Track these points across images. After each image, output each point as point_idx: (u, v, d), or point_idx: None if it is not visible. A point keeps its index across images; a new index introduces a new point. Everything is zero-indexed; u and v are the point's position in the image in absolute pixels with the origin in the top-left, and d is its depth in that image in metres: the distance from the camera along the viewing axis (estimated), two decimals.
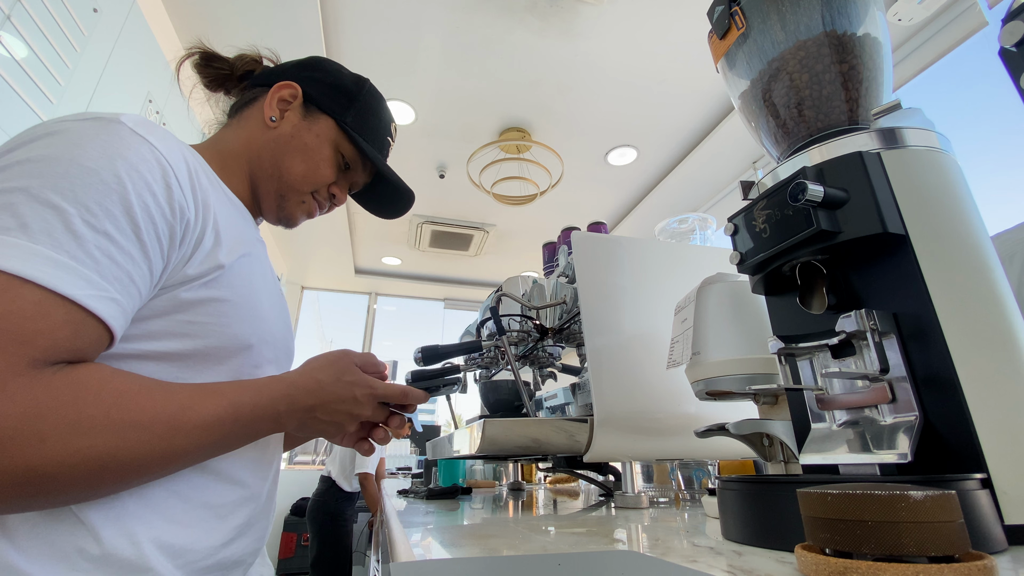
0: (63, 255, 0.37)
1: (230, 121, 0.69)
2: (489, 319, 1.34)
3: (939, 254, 0.52)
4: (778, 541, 0.45)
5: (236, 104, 0.70)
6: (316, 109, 0.68)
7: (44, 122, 0.43)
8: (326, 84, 0.70)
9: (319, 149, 0.67)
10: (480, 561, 0.49)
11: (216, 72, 0.70)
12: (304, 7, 1.91)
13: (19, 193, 0.37)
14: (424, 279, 4.88)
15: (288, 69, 0.71)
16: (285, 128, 0.66)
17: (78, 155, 0.40)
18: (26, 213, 0.36)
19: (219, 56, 0.70)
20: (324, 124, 0.68)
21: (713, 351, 0.76)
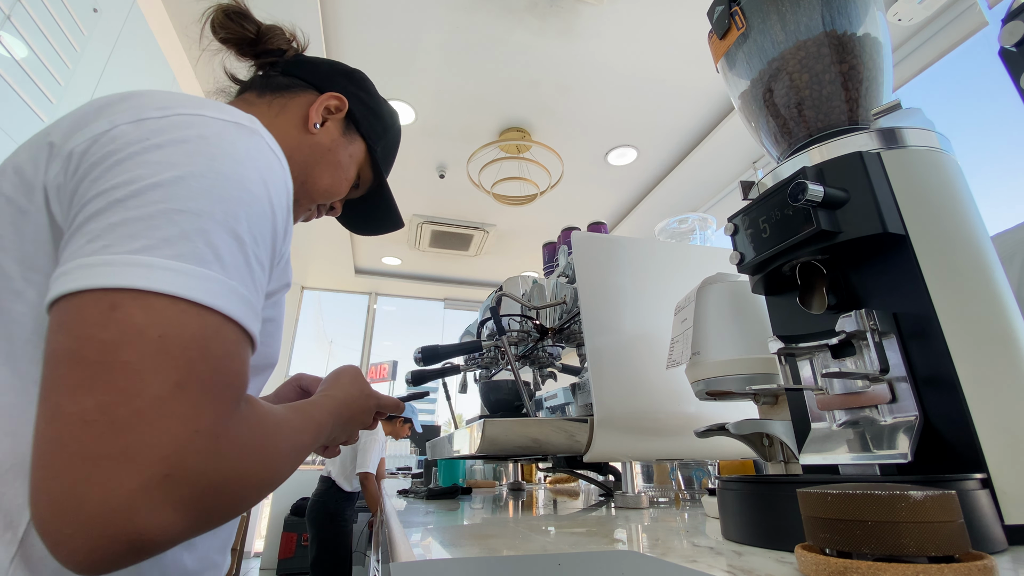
0: (246, 290, 0.37)
1: (257, 99, 0.65)
2: (489, 319, 1.34)
3: (939, 254, 0.52)
4: (778, 541, 0.45)
5: (267, 83, 0.67)
6: (355, 129, 0.70)
7: (185, 115, 0.39)
8: (368, 108, 0.72)
9: (348, 168, 0.69)
10: (480, 561, 0.49)
11: (241, 32, 0.66)
12: (304, 7, 1.91)
13: (206, 219, 0.35)
14: (424, 279, 4.88)
15: (335, 77, 0.70)
16: (324, 139, 0.66)
17: (245, 176, 0.39)
18: (219, 244, 0.35)
19: (251, 16, 0.67)
20: (358, 146, 0.70)
21: (713, 351, 0.76)
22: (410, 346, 1.96)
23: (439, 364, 1.34)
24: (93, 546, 0.28)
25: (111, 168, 0.36)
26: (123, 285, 0.32)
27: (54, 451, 0.29)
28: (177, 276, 0.33)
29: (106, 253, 0.32)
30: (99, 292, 0.32)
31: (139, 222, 0.33)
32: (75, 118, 0.40)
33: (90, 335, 0.31)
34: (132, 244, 0.33)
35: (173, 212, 0.34)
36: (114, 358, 0.30)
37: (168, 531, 0.30)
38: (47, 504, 0.29)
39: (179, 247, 0.34)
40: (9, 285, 0.37)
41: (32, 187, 0.38)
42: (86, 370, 0.30)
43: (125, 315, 0.31)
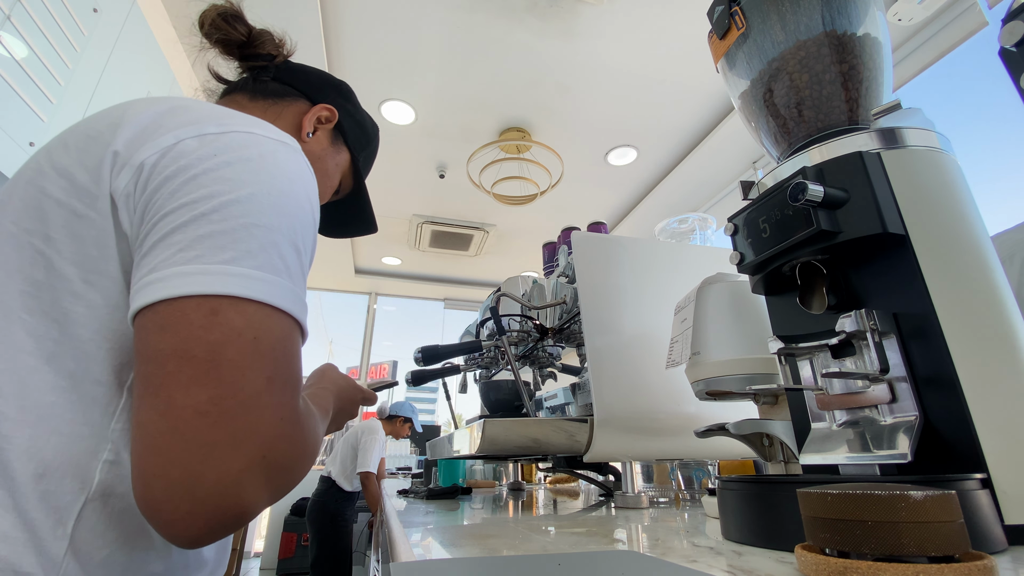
0: (303, 295, 0.42)
1: (249, 103, 0.67)
2: (489, 319, 1.34)
3: (939, 254, 0.52)
4: (778, 541, 0.45)
5: (260, 88, 0.68)
6: (342, 139, 0.74)
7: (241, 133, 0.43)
8: (355, 120, 0.76)
9: (334, 176, 0.73)
10: (480, 561, 0.49)
11: (233, 34, 0.67)
12: (304, 7, 1.91)
13: (276, 233, 0.39)
14: (424, 279, 4.88)
15: (325, 88, 0.73)
16: (315, 147, 0.69)
17: (297, 192, 0.43)
18: (287, 255, 0.40)
19: (244, 19, 0.69)
20: (344, 156, 0.74)
21: (713, 351, 0.76)
22: (410, 346, 1.96)
23: (439, 364, 1.34)
24: (207, 519, 0.33)
25: (189, 182, 0.39)
26: (222, 292, 0.36)
27: (172, 439, 0.33)
28: (263, 285, 0.37)
29: (199, 263, 0.36)
30: (200, 298, 0.35)
31: (224, 235, 0.37)
32: (134, 129, 0.42)
33: (197, 336, 0.35)
34: (222, 255, 0.37)
35: (252, 226, 0.38)
36: (221, 357, 0.35)
37: (259, 504, 0.35)
38: (165, 487, 0.32)
39: (260, 258, 0.38)
40: (67, 287, 0.39)
41: (95, 195, 0.40)
42: (197, 367, 0.34)
43: (226, 319, 0.35)
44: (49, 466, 0.36)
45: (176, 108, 0.44)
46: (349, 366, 5.37)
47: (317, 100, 0.70)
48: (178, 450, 0.32)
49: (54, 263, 0.39)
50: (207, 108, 0.45)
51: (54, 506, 0.36)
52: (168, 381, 0.34)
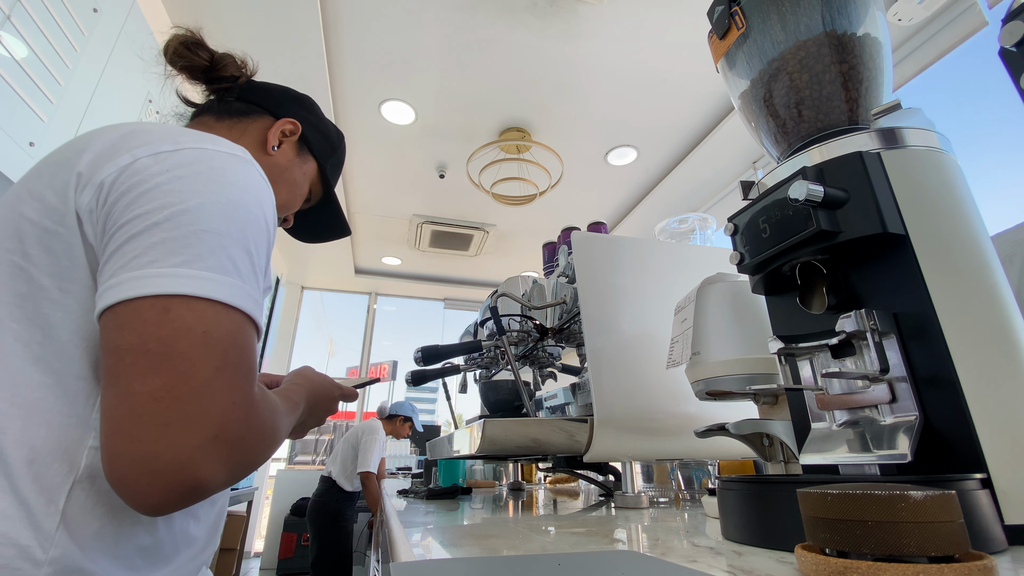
0: (256, 294, 0.46)
1: (216, 123, 0.70)
2: (489, 319, 1.34)
3: (939, 254, 0.52)
4: (778, 541, 0.46)
5: (225, 108, 0.72)
6: (307, 150, 0.77)
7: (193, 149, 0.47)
8: (319, 130, 0.79)
9: (301, 185, 0.77)
10: (480, 561, 0.49)
11: (196, 61, 0.70)
12: (304, 7, 1.91)
13: (225, 237, 0.44)
14: (424, 279, 4.88)
15: (288, 103, 0.76)
16: (280, 159, 0.73)
17: (247, 200, 0.47)
18: (236, 257, 0.44)
19: (205, 46, 0.71)
20: (311, 165, 0.78)
21: (713, 351, 0.76)
22: (410, 346, 1.96)
23: (439, 364, 1.34)
24: (164, 491, 0.37)
25: (142, 195, 0.43)
26: (173, 292, 0.40)
27: (131, 421, 0.37)
28: (212, 284, 0.42)
29: (153, 267, 0.40)
30: (153, 298, 0.40)
31: (175, 241, 0.41)
32: (96, 151, 0.47)
33: (151, 332, 0.39)
34: (174, 259, 0.41)
35: (201, 232, 0.42)
36: (173, 349, 0.39)
37: (215, 479, 0.39)
38: (128, 463, 0.37)
39: (209, 261, 0.42)
40: (45, 295, 0.44)
41: (62, 212, 0.45)
42: (151, 359, 0.39)
43: (177, 316, 0.40)
44: (39, 452, 0.41)
45: (135, 131, 0.49)
46: (349, 366, 5.38)
47: (280, 115, 0.74)
48: (136, 431, 0.37)
49: (33, 276, 0.44)
50: (164, 129, 0.49)
51: (45, 487, 0.41)
52: (127, 372, 0.38)
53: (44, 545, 0.40)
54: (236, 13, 1.96)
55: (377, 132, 2.76)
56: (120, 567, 0.44)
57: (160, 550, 0.48)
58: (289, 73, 2.23)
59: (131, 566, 0.45)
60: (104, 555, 0.43)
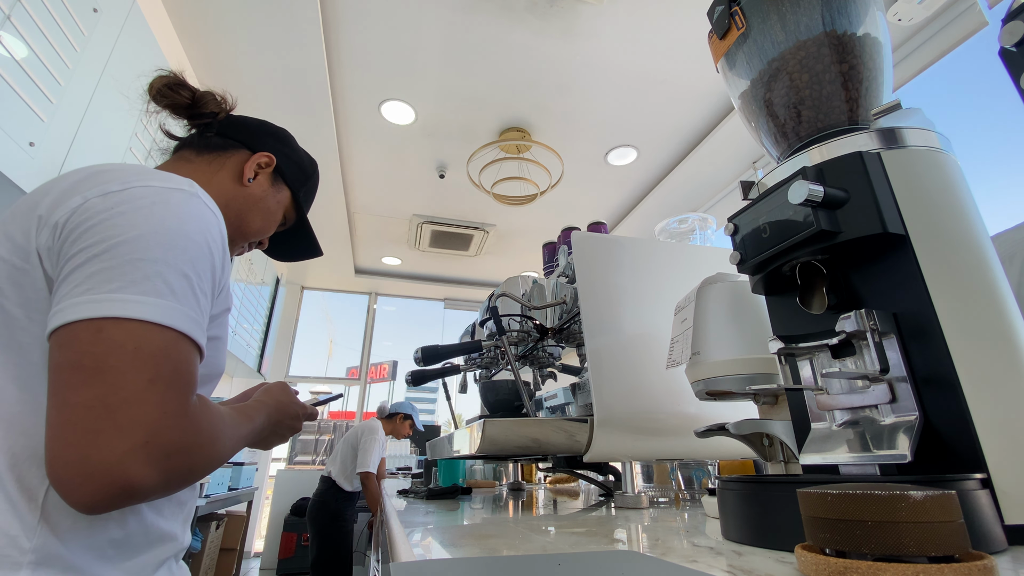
0: (195, 314, 0.50)
1: (196, 157, 0.75)
2: (489, 319, 1.34)
3: (939, 254, 0.52)
4: (778, 541, 0.46)
5: (204, 143, 0.76)
6: (281, 180, 0.82)
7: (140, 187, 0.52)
8: (293, 161, 0.84)
9: (276, 213, 0.82)
10: (480, 561, 0.49)
11: (178, 99, 0.75)
12: (304, 7, 1.91)
13: (160, 264, 0.48)
14: (424, 279, 4.88)
15: (264, 137, 0.82)
16: (256, 190, 0.78)
17: (187, 229, 0.52)
18: (172, 281, 0.48)
19: (187, 85, 0.76)
20: (285, 194, 0.83)
21: (713, 351, 0.76)
22: (410, 346, 1.96)
23: (439, 364, 1.34)
24: (96, 491, 0.41)
25: (87, 231, 0.48)
26: (105, 315, 0.44)
27: (66, 429, 0.42)
28: (142, 306, 0.46)
29: (90, 294, 0.45)
30: (88, 321, 0.44)
31: (112, 270, 0.46)
32: (55, 195, 0.52)
33: (85, 350, 0.44)
34: (109, 286, 0.46)
35: (137, 260, 0.47)
36: (104, 364, 0.43)
37: (146, 482, 0.42)
38: (63, 465, 0.41)
39: (143, 286, 0.46)
40: (17, 324, 0.49)
41: (27, 251, 0.50)
42: (84, 373, 0.43)
43: (108, 335, 0.44)
44: (19, 458, 0.47)
45: (94, 174, 0.53)
46: (349, 366, 5.37)
47: (256, 148, 0.79)
48: (71, 436, 0.41)
49: (5, 307, 0.49)
50: (120, 171, 0.54)
51: (27, 487, 0.46)
52: (63, 386, 0.43)
53: (28, 535, 0.45)
54: (236, 13, 1.96)
55: (377, 132, 2.76)
56: (94, 556, 0.49)
57: (130, 542, 0.53)
58: (289, 73, 2.23)
59: (103, 555, 0.50)
60: (79, 545, 0.48)
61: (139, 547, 0.54)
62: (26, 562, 0.44)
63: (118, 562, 0.51)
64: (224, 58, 2.17)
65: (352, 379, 5.21)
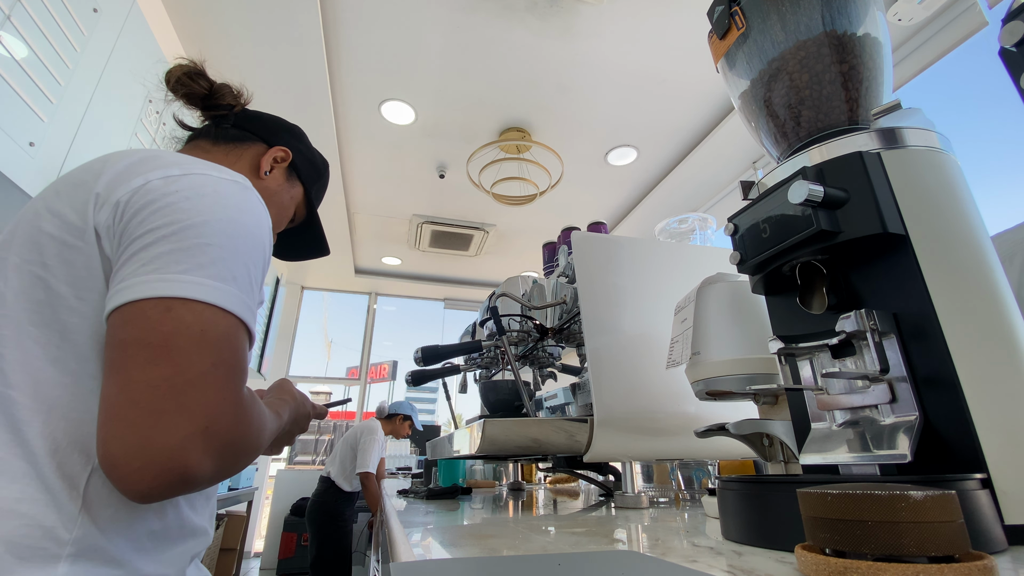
0: (252, 303, 0.50)
1: (213, 148, 0.74)
2: (489, 319, 1.34)
3: (939, 254, 0.52)
4: (778, 541, 0.46)
5: (221, 134, 0.76)
6: (296, 176, 0.83)
7: (200, 175, 0.53)
8: (306, 158, 0.85)
9: (289, 208, 0.83)
10: (480, 561, 0.49)
11: (196, 89, 0.75)
12: (304, 7, 1.91)
13: (225, 251, 0.48)
14: (424, 279, 4.88)
15: (280, 132, 0.82)
16: (271, 184, 0.78)
17: (246, 221, 0.52)
18: (234, 269, 0.49)
19: (206, 75, 0.76)
20: (298, 190, 0.84)
21: (713, 351, 0.76)
22: (410, 346, 1.96)
23: (439, 364, 1.34)
24: (154, 476, 0.40)
25: (153, 212, 0.48)
26: (175, 294, 0.44)
27: (128, 408, 0.40)
28: (211, 289, 0.46)
29: (158, 273, 0.45)
30: (157, 299, 0.44)
31: (180, 252, 0.46)
32: (112, 175, 0.51)
33: (152, 327, 0.43)
34: (178, 267, 0.45)
35: (204, 245, 0.47)
36: (172, 343, 0.43)
37: (203, 471, 0.42)
38: (122, 447, 0.40)
39: (209, 270, 0.46)
40: (63, 303, 0.48)
41: (82, 229, 0.49)
42: (152, 351, 0.42)
43: (177, 315, 0.44)
44: (59, 444, 0.45)
45: (147, 158, 0.54)
46: (349, 366, 5.37)
47: (273, 143, 0.79)
48: (133, 416, 0.40)
49: (51, 285, 0.48)
50: (173, 156, 0.55)
51: (67, 474, 0.45)
52: (128, 363, 0.42)
53: (68, 526, 0.43)
54: (236, 13, 1.96)
55: (377, 132, 2.76)
56: (132, 547, 0.48)
57: (167, 534, 0.52)
58: (289, 73, 2.23)
59: (141, 547, 0.49)
60: (119, 536, 0.47)
61: (174, 540, 0.53)
62: (65, 555, 0.42)
63: (155, 554, 0.50)
64: (224, 58, 2.17)
65: (352, 379, 5.21)
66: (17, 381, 0.45)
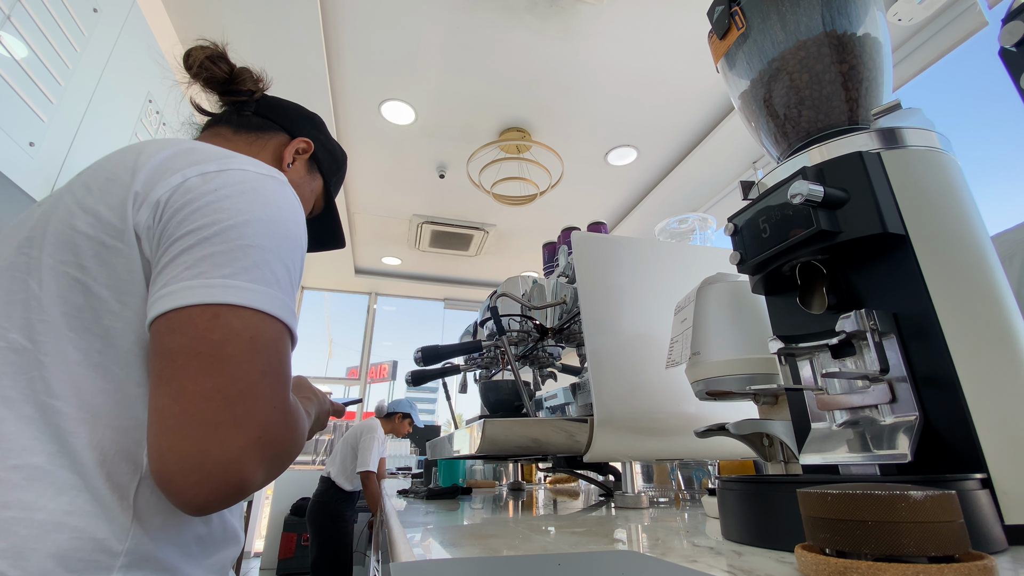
0: (293, 306, 0.49)
1: (234, 136, 0.72)
2: (489, 319, 1.34)
3: (939, 254, 0.52)
4: (778, 541, 0.45)
5: (243, 122, 0.74)
6: (316, 168, 0.81)
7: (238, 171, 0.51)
8: (327, 150, 0.83)
9: (309, 200, 0.81)
10: (480, 561, 0.49)
11: (217, 73, 0.72)
12: (304, 7, 1.91)
13: (267, 252, 0.47)
14: (424, 279, 4.88)
15: (302, 122, 0.80)
16: (294, 176, 0.76)
17: (285, 218, 0.50)
18: (277, 271, 0.47)
19: (227, 59, 0.74)
20: (318, 182, 0.82)
21: (713, 351, 0.76)
22: (410, 346, 1.96)
23: (439, 364, 1.34)
24: (213, 489, 0.39)
25: (193, 212, 0.46)
26: (222, 301, 0.43)
27: (183, 420, 0.39)
28: (257, 295, 0.44)
29: (202, 278, 0.43)
30: (204, 306, 0.42)
31: (224, 255, 0.44)
32: (148, 171, 0.49)
33: (202, 336, 0.41)
34: (223, 271, 0.44)
35: (247, 247, 0.46)
36: (222, 352, 0.41)
37: (256, 480, 0.41)
38: (177, 460, 0.38)
39: (254, 273, 0.45)
40: (105, 307, 0.46)
41: (121, 229, 0.47)
42: (203, 361, 0.41)
43: (226, 322, 0.42)
44: (107, 453, 0.44)
45: (181, 151, 0.52)
46: (349, 366, 5.37)
47: (295, 133, 0.77)
48: (188, 429, 0.39)
49: (91, 288, 0.46)
50: (208, 150, 0.53)
51: (117, 484, 0.43)
52: (179, 373, 0.40)
53: (120, 537, 0.42)
54: (236, 13, 1.96)
55: (377, 132, 2.76)
56: (181, 554, 0.48)
57: (212, 540, 0.52)
58: (289, 73, 2.23)
59: (189, 553, 0.48)
60: (169, 544, 0.46)
61: (218, 545, 0.53)
62: (117, 565, 0.42)
63: (201, 559, 0.50)
64: None
65: (352, 379, 5.21)
66: (61, 390, 0.43)
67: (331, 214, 0.89)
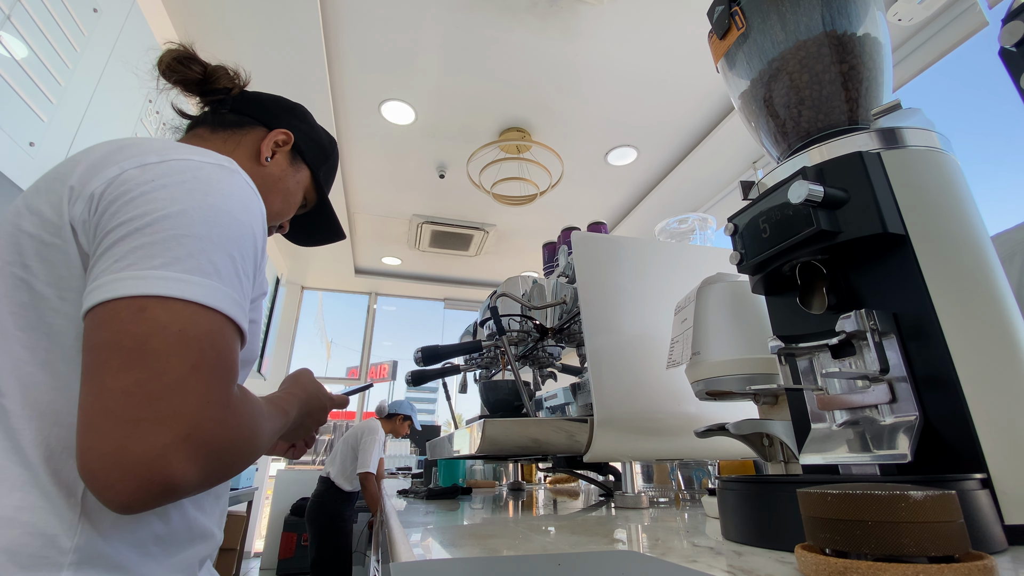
0: (239, 297, 0.47)
1: (211, 135, 0.71)
2: (489, 319, 1.34)
3: (939, 254, 0.52)
4: (778, 541, 0.45)
5: (219, 120, 0.72)
6: (300, 159, 0.78)
7: (179, 160, 0.49)
8: (311, 139, 0.80)
9: (296, 193, 0.78)
10: (480, 561, 0.49)
11: (189, 74, 0.71)
12: (304, 7, 1.91)
13: (205, 241, 0.45)
14: (424, 279, 4.88)
15: (280, 113, 0.77)
16: (274, 169, 0.74)
17: (231, 207, 0.48)
18: (216, 261, 0.45)
19: (198, 59, 0.72)
20: (304, 173, 0.79)
21: (713, 351, 0.76)
22: (410, 346, 1.96)
23: (439, 364, 1.34)
24: (134, 488, 0.37)
25: (126, 204, 0.45)
26: (149, 292, 0.41)
27: (103, 417, 0.38)
28: (188, 285, 0.42)
29: (132, 269, 0.42)
30: (130, 299, 0.41)
31: (155, 245, 0.43)
32: (87, 166, 0.48)
33: (126, 330, 0.40)
34: (152, 262, 0.42)
35: (181, 237, 0.44)
36: (146, 346, 0.40)
37: (188, 479, 0.39)
38: (98, 458, 0.37)
39: (187, 263, 0.43)
40: (47, 304, 0.46)
41: (59, 225, 0.46)
42: (125, 356, 0.39)
43: (152, 315, 0.41)
44: (54, 450, 0.43)
45: (124, 146, 0.50)
46: (349, 366, 5.37)
47: (273, 125, 0.75)
48: (108, 426, 0.38)
49: (34, 286, 0.46)
50: (153, 143, 0.51)
51: (64, 481, 0.43)
52: (101, 368, 0.39)
53: (69, 534, 0.42)
54: (236, 13, 1.95)
55: (377, 132, 2.76)
56: (137, 553, 0.46)
57: (173, 538, 0.51)
58: (289, 73, 2.23)
59: (147, 552, 0.47)
60: (123, 542, 0.45)
61: (182, 543, 0.52)
62: (67, 563, 0.41)
63: (162, 559, 0.49)
64: (224, 58, 2.15)
65: (352, 379, 5.21)
66: (7, 388, 0.43)
67: (325, 206, 0.86)
